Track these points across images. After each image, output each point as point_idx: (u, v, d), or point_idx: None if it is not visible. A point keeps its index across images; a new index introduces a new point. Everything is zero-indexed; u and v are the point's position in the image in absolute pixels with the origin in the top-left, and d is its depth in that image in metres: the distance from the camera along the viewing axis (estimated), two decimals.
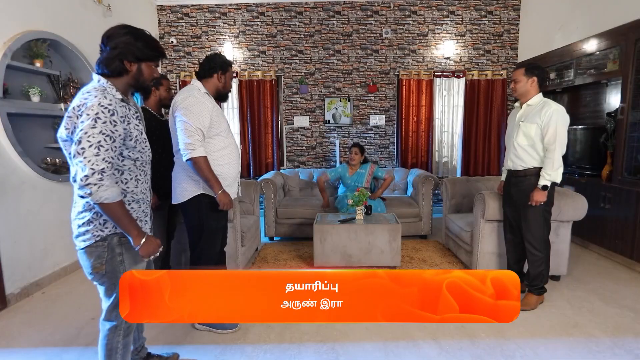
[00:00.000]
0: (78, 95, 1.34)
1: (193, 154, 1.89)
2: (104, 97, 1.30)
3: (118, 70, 1.38)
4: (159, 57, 1.47)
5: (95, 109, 1.27)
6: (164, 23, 5.00)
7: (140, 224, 1.48)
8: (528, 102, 2.35)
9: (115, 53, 1.36)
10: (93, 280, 1.45)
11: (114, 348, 1.49)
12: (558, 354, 1.96)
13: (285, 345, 2.06)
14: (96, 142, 1.26)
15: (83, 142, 1.25)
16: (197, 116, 1.91)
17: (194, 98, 1.95)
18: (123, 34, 1.37)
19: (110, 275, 1.43)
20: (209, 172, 1.94)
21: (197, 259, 2.14)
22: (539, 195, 2.27)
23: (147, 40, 1.42)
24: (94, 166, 1.25)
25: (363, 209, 3.23)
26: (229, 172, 2.11)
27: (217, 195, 1.98)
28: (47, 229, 2.94)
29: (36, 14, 2.90)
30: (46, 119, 3.06)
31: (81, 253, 1.42)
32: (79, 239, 1.40)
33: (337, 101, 5.08)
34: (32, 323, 2.35)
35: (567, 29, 4.03)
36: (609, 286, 2.77)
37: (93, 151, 1.25)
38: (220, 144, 2.06)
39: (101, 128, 1.27)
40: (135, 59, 1.40)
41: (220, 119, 2.05)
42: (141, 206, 1.51)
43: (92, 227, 1.38)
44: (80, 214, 1.39)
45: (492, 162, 5.10)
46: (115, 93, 1.37)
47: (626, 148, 3.17)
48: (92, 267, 1.41)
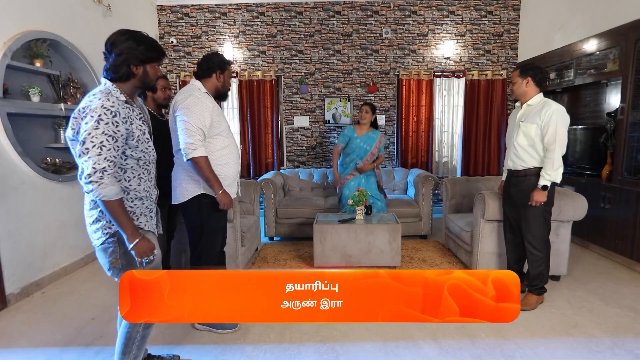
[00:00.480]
0: (85, 97, 1.42)
1: (194, 153, 1.89)
2: (107, 100, 1.37)
3: (126, 75, 1.46)
4: (161, 57, 1.56)
5: (98, 111, 1.34)
6: (164, 23, 5.00)
7: (145, 219, 1.55)
8: (528, 102, 2.35)
9: (121, 59, 1.44)
10: (112, 275, 1.50)
11: (133, 338, 1.55)
12: (558, 354, 1.96)
13: (285, 345, 2.06)
14: (99, 143, 1.33)
15: (87, 143, 1.33)
16: (198, 116, 1.91)
17: (195, 98, 1.94)
18: (125, 40, 1.44)
19: (127, 269, 1.45)
20: (210, 172, 1.94)
21: (198, 259, 2.14)
22: (539, 196, 2.27)
23: (148, 42, 1.50)
24: (96, 165, 1.33)
25: (363, 209, 3.23)
26: (229, 172, 2.11)
27: (218, 195, 1.97)
28: (47, 229, 2.94)
29: (36, 14, 2.90)
30: (46, 119, 3.06)
31: (98, 250, 1.49)
32: (94, 237, 1.48)
33: (337, 101, 5.08)
34: (32, 323, 2.35)
35: (567, 29, 4.03)
36: (609, 286, 2.77)
37: (96, 151, 1.33)
38: (220, 144, 2.06)
39: (104, 129, 1.34)
40: (140, 62, 1.48)
41: (220, 119, 2.05)
42: (144, 203, 1.56)
43: (100, 224, 1.45)
44: (89, 212, 1.47)
45: (492, 162, 5.10)
46: (119, 95, 1.44)
47: (626, 148, 3.17)
48: (109, 263, 1.47)
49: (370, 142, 3.61)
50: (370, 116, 3.60)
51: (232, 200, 2.03)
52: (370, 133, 3.63)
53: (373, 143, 3.61)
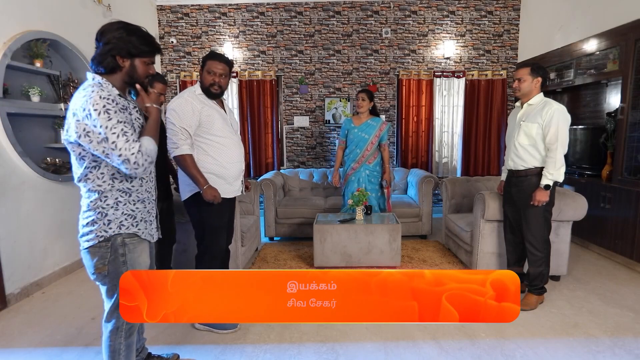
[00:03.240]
0: (75, 96, 1.33)
1: (176, 152, 1.98)
2: (102, 90, 1.31)
3: (111, 67, 1.37)
4: (153, 52, 1.44)
5: (100, 102, 1.27)
6: (164, 23, 5.00)
7: (144, 225, 1.49)
8: (529, 101, 2.35)
9: (107, 48, 1.35)
10: (95, 280, 1.45)
11: (117, 350, 1.49)
12: (558, 354, 1.96)
13: (285, 345, 2.06)
14: (120, 131, 1.29)
15: (110, 137, 1.28)
16: (181, 117, 1.97)
17: (182, 99, 2.00)
18: (116, 29, 1.35)
19: (113, 276, 1.42)
20: (193, 168, 1.99)
21: (202, 254, 2.19)
22: (541, 195, 2.27)
23: (141, 35, 1.39)
24: (132, 151, 1.30)
25: (363, 209, 3.23)
26: (228, 171, 2.12)
27: (203, 191, 2.00)
28: (47, 229, 2.94)
29: (36, 14, 2.90)
30: (46, 119, 3.05)
31: (84, 253, 1.41)
32: (83, 239, 1.40)
33: (337, 101, 5.08)
34: (32, 323, 2.35)
35: (567, 29, 4.03)
36: (609, 286, 2.77)
37: (122, 139, 1.29)
38: (215, 143, 2.08)
39: (116, 117, 1.29)
40: (128, 55, 1.38)
41: (212, 119, 2.05)
42: (146, 206, 1.51)
43: (96, 227, 1.38)
44: (85, 214, 1.40)
45: (492, 162, 5.10)
46: (111, 89, 1.36)
47: (626, 148, 3.17)
48: (94, 268, 1.41)
49: (369, 131, 3.41)
50: (367, 104, 3.38)
51: (218, 194, 2.03)
52: (369, 121, 3.42)
53: (373, 131, 3.41)
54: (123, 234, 1.41)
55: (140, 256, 1.47)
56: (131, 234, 1.44)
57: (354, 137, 3.45)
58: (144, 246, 1.50)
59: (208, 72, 2.05)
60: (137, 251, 1.46)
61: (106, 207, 1.39)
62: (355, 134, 3.44)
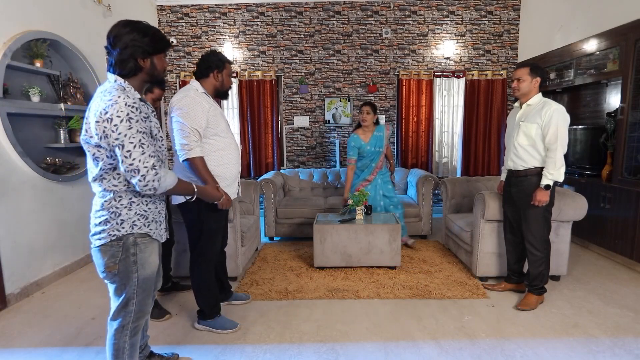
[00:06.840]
0: (97, 97, 1.34)
1: (189, 154, 1.90)
2: (127, 97, 1.31)
3: (134, 70, 1.39)
4: (167, 46, 1.49)
5: (124, 110, 1.28)
6: (164, 23, 5.00)
7: (155, 226, 1.51)
8: (528, 102, 2.35)
9: (127, 53, 1.36)
10: (105, 279, 1.46)
11: (121, 348, 1.50)
12: (558, 354, 1.96)
13: (285, 345, 2.06)
14: (138, 142, 1.30)
15: (126, 145, 1.29)
16: (192, 117, 1.91)
17: (190, 98, 1.94)
18: (129, 32, 1.36)
19: (122, 275, 1.43)
20: (206, 172, 1.94)
21: (197, 257, 2.15)
22: (542, 195, 2.27)
23: (153, 33, 1.41)
24: (146, 164, 1.31)
25: (363, 209, 3.23)
26: (228, 173, 2.11)
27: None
28: (47, 229, 2.94)
29: (36, 14, 2.90)
30: (46, 119, 3.06)
31: (95, 251, 1.43)
32: (94, 237, 1.41)
33: (337, 101, 5.08)
34: (32, 323, 2.35)
35: (567, 29, 4.03)
36: (609, 286, 2.77)
37: (139, 151, 1.30)
38: (219, 145, 2.06)
39: (137, 127, 1.30)
40: (147, 54, 1.40)
41: (217, 119, 2.04)
42: (157, 207, 1.53)
43: (108, 226, 1.39)
44: (97, 213, 1.41)
45: (492, 162, 5.10)
46: (133, 92, 1.38)
47: (626, 148, 3.17)
48: (105, 266, 1.42)
49: (379, 143, 3.49)
50: (372, 117, 3.46)
51: (230, 200, 2.03)
52: (375, 133, 3.49)
53: (382, 142, 3.49)
54: (135, 233, 1.42)
55: (150, 256, 1.49)
56: (143, 233, 1.45)
57: (368, 154, 3.51)
58: (154, 246, 1.51)
59: (228, 75, 2.12)
60: (148, 251, 1.47)
61: (120, 207, 1.39)
62: (368, 151, 3.50)
